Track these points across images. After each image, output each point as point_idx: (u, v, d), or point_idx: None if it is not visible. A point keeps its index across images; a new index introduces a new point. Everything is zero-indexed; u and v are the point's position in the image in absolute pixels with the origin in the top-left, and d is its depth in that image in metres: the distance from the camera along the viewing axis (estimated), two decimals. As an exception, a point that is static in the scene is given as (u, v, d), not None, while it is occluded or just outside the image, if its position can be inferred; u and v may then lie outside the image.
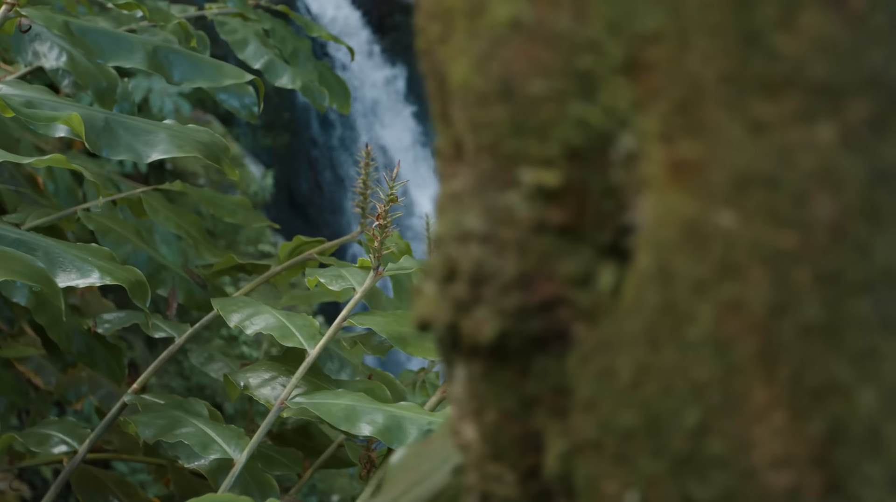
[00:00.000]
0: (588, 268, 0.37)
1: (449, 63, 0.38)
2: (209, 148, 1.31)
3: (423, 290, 0.43)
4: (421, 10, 0.40)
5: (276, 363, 1.28)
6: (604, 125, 0.34)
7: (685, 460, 0.33)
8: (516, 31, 0.35)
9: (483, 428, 0.42)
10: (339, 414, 1.14)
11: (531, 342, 0.39)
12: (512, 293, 0.38)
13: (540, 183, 0.36)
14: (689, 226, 0.32)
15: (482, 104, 0.37)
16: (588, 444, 0.37)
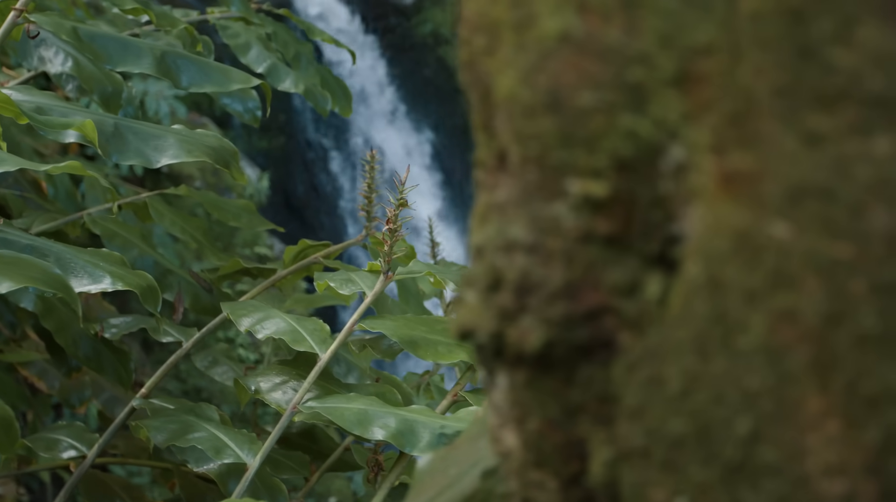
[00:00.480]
0: (634, 278, 0.37)
1: (494, 75, 0.39)
2: (218, 153, 1.32)
3: (464, 299, 0.43)
4: (465, 23, 0.40)
5: (286, 367, 1.28)
6: (653, 137, 0.35)
7: (737, 468, 0.34)
8: (565, 44, 0.36)
9: (525, 436, 0.42)
10: (352, 419, 1.14)
11: (576, 351, 0.39)
12: (558, 302, 0.38)
13: (587, 193, 0.37)
14: (740, 237, 0.33)
15: (529, 116, 0.37)
16: (635, 452, 0.37)
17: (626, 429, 0.38)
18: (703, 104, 0.33)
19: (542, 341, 0.39)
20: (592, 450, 0.40)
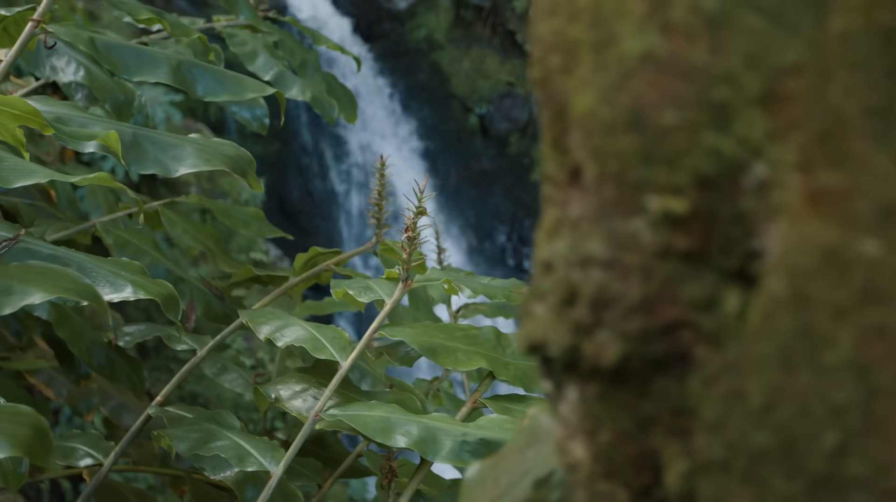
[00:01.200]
0: (713, 292, 0.38)
1: (571, 93, 0.39)
2: (235, 161, 1.32)
3: (532, 312, 0.44)
4: (539, 42, 0.41)
5: (305, 375, 1.29)
6: (736, 154, 0.35)
7: (822, 481, 0.34)
8: (648, 64, 0.36)
9: (596, 448, 0.43)
10: (375, 426, 1.14)
11: (652, 364, 0.40)
12: (635, 316, 0.39)
13: (667, 210, 0.37)
14: (828, 253, 0.33)
15: (609, 134, 0.38)
16: (714, 464, 0.38)
17: (704, 442, 0.38)
18: (790, 123, 0.34)
19: (619, 355, 0.39)
20: (667, 462, 0.40)
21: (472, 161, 10.17)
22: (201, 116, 8.79)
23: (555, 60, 0.40)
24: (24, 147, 1.13)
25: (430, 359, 1.23)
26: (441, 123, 10.18)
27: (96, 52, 1.31)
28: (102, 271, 1.17)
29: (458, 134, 10.22)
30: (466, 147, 10.18)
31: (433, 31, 10.26)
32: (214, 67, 1.43)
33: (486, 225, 10.08)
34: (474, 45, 10.26)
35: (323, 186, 9.56)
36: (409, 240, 1.26)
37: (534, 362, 1.29)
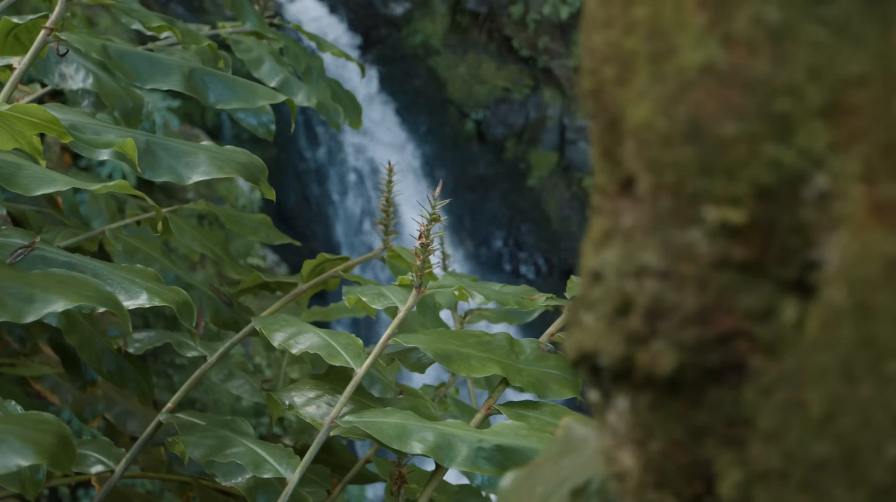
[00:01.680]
0: (770, 302, 0.38)
1: (626, 105, 0.40)
2: (248, 168, 1.32)
3: (581, 322, 0.44)
4: (592, 54, 0.41)
5: (319, 382, 1.29)
6: (798, 165, 0.36)
7: (885, 490, 0.35)
8: (708, 76, 0.36)
9: (646, 457, 0.43)
10: (390, 433, 1.14)
11: (706, 374, 0.40)
12: (690, 327, 0.39)
13: (725, 220, 0.38)
14: (891, 263, 0.34)
15: (666, 145, 0.38)
16: (772, 474, 0.38)
17: (760, 451, 0.39)
18: (853, 135, 0.34)
19: (675, 365, 0.40)
20: (721, 471, 0.40)
21: (469, 166, 10.17)
22: (198, 122, 8.79)
23: (609, 72, 0.40)
24: (40, 155, 1.13)
25: (443, 365, 1.23)
26: (437, 129, 10.19)
27: (109, 59, 1.31)
28: (117, 278, 1.17)
29: (454, 139, 10.22)
30: (463, 152, 10.19)
31: (429, 36, 10.26)
32: (226, 75, 1.43)
33: (483, 230, 10.08)
34: (470, 51, 10.27)
35: (319, 191, 9.56)
36: (422, 247, 1.26)
37: (550, 369, 1.29)
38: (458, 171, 10.11)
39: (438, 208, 1.29)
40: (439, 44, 10.28)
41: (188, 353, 1.56)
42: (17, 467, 0.82)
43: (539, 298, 1.37)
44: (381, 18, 10.09)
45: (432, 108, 10.22)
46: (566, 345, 0.46)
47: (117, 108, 1.57)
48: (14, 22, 1.35)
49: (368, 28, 10.04)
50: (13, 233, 1.17)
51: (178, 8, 8.92)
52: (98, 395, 2.14)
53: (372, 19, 10.08)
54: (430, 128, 10.19)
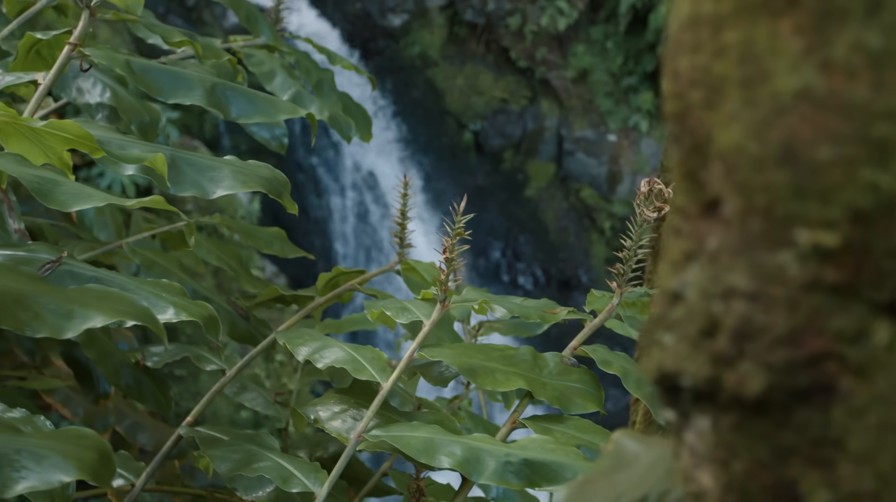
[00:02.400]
0: (861, 325, 0.38)
1: (715, 128, 0.40)
2: (271, 183, 1.33)
3: (661, 342, 0.44)
4: (678, 78, 0.41)
5: (344, 396, 1.29)
6: (895, 189, 0.36)
7: None
8: (803, 101, 0.37)
9: (728, 477, 0.43)
10: (418, 447, 1.15)
11: (794, 394, 0.40)
12: (780, 348, 0.40)
13: (817, 243, 0.38)
14: None
15: (758, 168, 0.38)
16: (863, 495, 0.38)
17: (850, 472, 0.39)
18: (954, 160, 0.34)
19: (764, 386, 0.40)
20: (807, 492, 0.41)
21: (467, 177, 10.18)
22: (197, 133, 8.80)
23: (696, 96, 0.41)
24: (70, 170, 1.14)
25: (469, 379, 1.23)
26: (435, 140, 10.20)
27: (132, 74, 1.32)
28: (144, 293, 1.17)
29: (452, 150, 10.24)
30: (461, 163, 10.20)
31: (427, 47, 10.28)
32: (246, 89, 1.43)
33: (481, 241, 10.09)
34: (468, 62, 10.29)
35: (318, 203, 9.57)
36: (446, 262, 1.26)
37: (573, 383, 1.29)
38: (455, 182, 10.12)
39: (462, 223, 1.29)
40: (437, 55, 10.30)
41: (207, 367, 1.56)
42: (59, 483, 0.82)
43: (560, 312, 1.37)
44: (378, 30, 10.11)
45: (430, 119, 10.23)
46: (643, 365, 0.46)
47: (134, 122, 1.58)
48: (37, 38, 1.35)
49: (366, 40, 10.06)
50: (40, 247, 1.17)
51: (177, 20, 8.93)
52: (109, 408, 2.14)
53: (370, 31, 10.10)
54: (428, 139, 10.20)
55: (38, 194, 1.02)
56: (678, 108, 0.42)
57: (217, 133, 9.10)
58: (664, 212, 1.36)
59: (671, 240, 0.46)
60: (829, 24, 0.36)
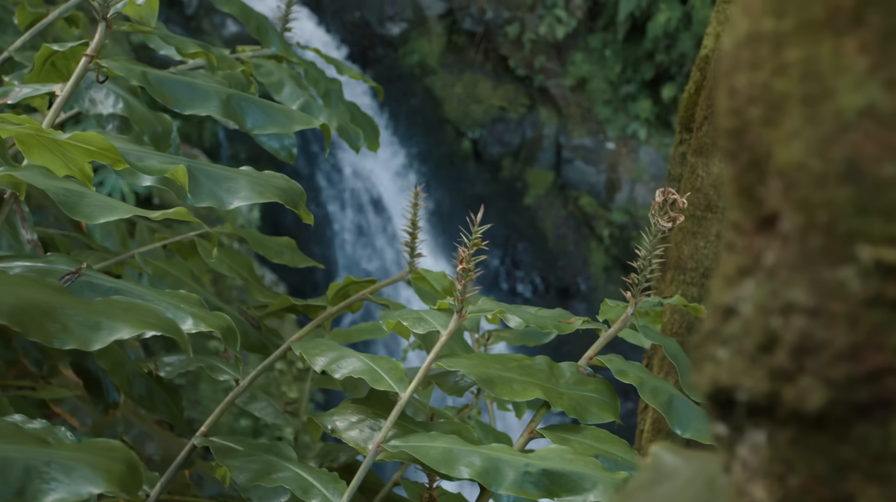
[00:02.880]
0: (922, 340, 0.39)
1: (774, 145, 0.40)
2: (287, 193, 1.33)
3: (715, 357, 0.44)
4: (735, 94, 0.41)
5: (361, 406, 1.29)
6: (959, 207, 0.36)
7: None
8: (868, 118, 0.37)
9: (784, 492, 0.44)
10: (437, 457, 1.15)
11: (854, 409, 0.40)
12: (840, 363, 0.40)
13: (880, 259, 0.38)
14: None
15: (819, 185, 0.39)
16: (926, 508, 0.39)
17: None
18: None
19: (824, 401, 0.40)
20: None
21: (465, 185, 10.19)
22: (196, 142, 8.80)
23: (755, 112, 0.41)
24: (91, 182, 1.14)
25: (486, 389, 1.24)
26: (434, 148, 10.21)
27: (149, 85, 1.32)
28: (164, 303, 1.17)
29: (451, 158, 10.25)
30: (459, 171, 10.21)
31: (426, 56, 10.29)
32: (262, 100, 1.44)
33: (479, 249, 10.06)
34: (467, 70, 10.30)
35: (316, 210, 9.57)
36: (463, 272, 1.27)
37: (589, 393, 1.29)
38: (454, 190, 10.12)
39: (479, 233, 1.30)
40: (436, 63, 10.31)
41: (220, 377, 1.57)
42: (89, 495, 0.82)
43: (575, 322, 1.37)
44: (377, 38, 10.12)
45: (429, 128, 10.24)
46: (695, 379, 0.46)
47: (147, 133, 1.58)
48: (53, 49, 1.36)
49: (365, 48, 10.07)
50: (58, 259, 1.17)
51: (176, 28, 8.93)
52: (117, 418, 2.14)
53: (368, 39, 10.11)
54: (426, 148, 10.21)
55: (65, 206, 1.02)
56: (735, 125, 0.42)
57: (216, 142, 9.11)
58: (678, 222, 1.37)
59: (723, 255, 0.46)
60: (894, 43, 0.37)
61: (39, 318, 0.86)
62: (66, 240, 1.80)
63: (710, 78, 2.12)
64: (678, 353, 1.39)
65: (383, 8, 10.19)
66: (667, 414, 1.28)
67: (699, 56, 2.21)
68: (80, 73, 1.29)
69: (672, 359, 1.38)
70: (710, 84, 2.12)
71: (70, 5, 1.76)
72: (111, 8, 1.33)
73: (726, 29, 2.06)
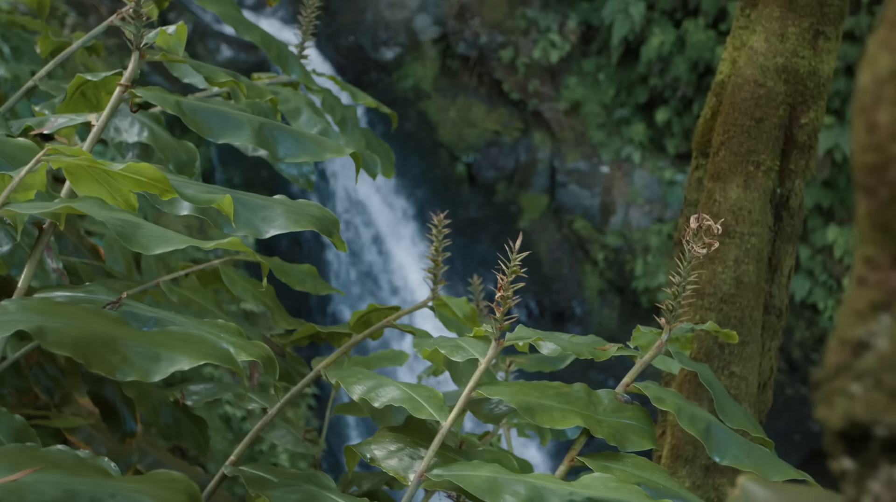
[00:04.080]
0: None
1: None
2: (322, 222, 1.33)
3: (848, 392, 0.44)
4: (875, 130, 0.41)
5: (399, 435, 1.29)
6: None
7: None
8: None
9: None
10: (482, 486, 1.14)
11: None
12: None
13: None
14: None
15: (971, 221, 0.39)
16: None
17: None
18: None
19: (972, 437, 0.40)
20: None
21: (460, 209, 10.19)
22: (191, 167, 8.78)
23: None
24: (136, 211, 1.14)
25: (526, 417, 1.23)
26: (428, 171, 10.22)
27: (183, 114, 1.32)
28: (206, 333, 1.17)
29: (445, 182, 10.25)
30: (454, 195, 10.21)
31: (420, 80, 10.32)
32: (292, 129, 1.44)
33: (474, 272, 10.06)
34: (461, 95, 10.32)
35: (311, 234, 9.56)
36: (502, 299, 1.27)
37: (628, 420, 1.29)
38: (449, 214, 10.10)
39: (518, 261, 1.30)
40: (430, 88, 10.33)
41: (249, 406, 1.56)
42: (154, 529, 0.82)
43: (610, 348, 1.37)
44: (371, 63, 10.14)
45: (423, 152, 10.25)
46: (824, 414, 0.46)
47: (172, 161, 1.58)
48: (86, 79, 1.36)
49: (359, 73, 10.09)
50: (97, 288, 1.17)
51: (171, 53, 8.92)
52: (132, 447, 2.13)
53: (363, 64, 10.13)
54: (421, 171, 10.22)
55: (122, 237, 1.02)
56: (875, 160, 0.42)
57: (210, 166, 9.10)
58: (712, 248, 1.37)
59: (852, 289, 0.46)
60: None
61: (101, 350, 0.86)
62: (87, 269, 1.80)
63: (727, 103, 2.13)
64: (712, 380, 1.39)
65: (377, 33, 10.22)
66: (705, 441, 1.28)
67: (714, 82, 2.21)
68: (115, 103, 1.29)
69: (707, 385, 1.37)
70: (726, 109, 2.13)
71: (94, 34, 1.76)
72: (144, 38, 1.33)
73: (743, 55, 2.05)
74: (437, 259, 1.75)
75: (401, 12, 10.34)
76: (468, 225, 10.20)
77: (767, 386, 2.20)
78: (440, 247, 1.74)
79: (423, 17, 10.39)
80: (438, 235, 1.73)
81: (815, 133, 2.12)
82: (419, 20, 10.39)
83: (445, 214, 1.74)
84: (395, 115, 2.38)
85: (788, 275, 2.18)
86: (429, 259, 1.75)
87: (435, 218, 1.74)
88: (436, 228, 1.72)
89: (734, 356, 2.11)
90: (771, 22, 2.09)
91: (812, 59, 2.08)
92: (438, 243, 1.73)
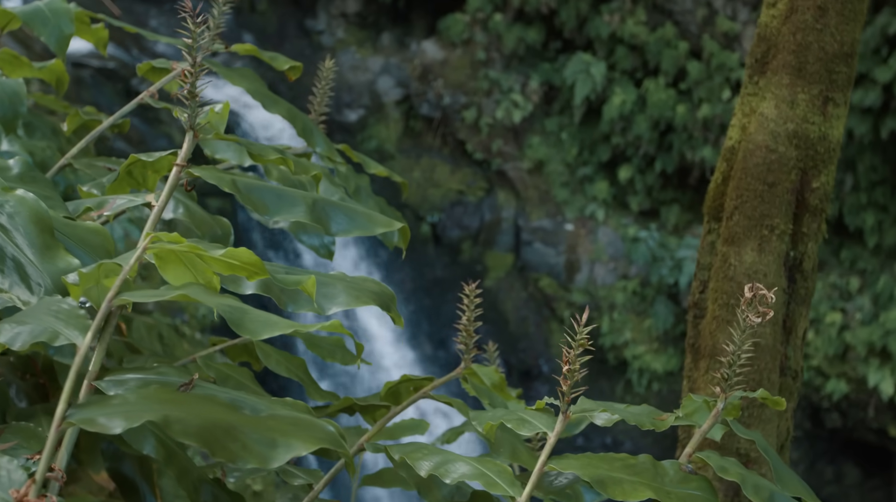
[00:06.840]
0: None
1: None
2: (381, 297, 1.33)
3: None
4: None
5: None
6: None
7: None
8: None
9: None
10: (565, 563, 1.14)
11: None
12: None
13: None
14: None
15: None
16: None
17: None
18: None
19: None
20: None
21: (426, 269, 10.21)
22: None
23: None
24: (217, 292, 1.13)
25: (599, 490, 1.24)
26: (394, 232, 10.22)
27: (239, 193, 1.33)
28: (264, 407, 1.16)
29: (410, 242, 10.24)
30: (419, 255, 10.23)
31: (384, 141, 10.37)
32: (343, 204, 1.44)
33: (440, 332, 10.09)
34: (424, 155, 10.38)
35: (276, 298, 9.52)
36: (569, 373, 1.27)
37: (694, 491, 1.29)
38: (415, 274, 10.13)
39: (584, 333, 1.30)
40: (394, 148, 10.38)
41: (295, 481, 1.55)
42: None
43: (668, 418, 1.38)
44: (335, 125, 10.18)
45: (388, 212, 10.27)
46: None
47: (207, 236, 1.59)
48: (140, 159, 1.36)
49: (323, 134, 10.12)
50: (168, 370, 1.17)
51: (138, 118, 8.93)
52: (151, 523, 2.11)
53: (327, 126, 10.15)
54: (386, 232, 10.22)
55: (231, 322, 1.02)
56: None
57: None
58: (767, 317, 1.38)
59: None
60: None
61: (223, 438, 0.85)
62: (118, 345, 1.79)
63: (738, 168, 2.16)
64: (768, 448, 1.40)
65: (340, 95, 10.26)
66: (774, 510, 1.29)
67: (725, 147, 2.25)
68: (173, 182, 1.29)
69: (763, 452, 1.39)
70: (738, 174, 2.16)
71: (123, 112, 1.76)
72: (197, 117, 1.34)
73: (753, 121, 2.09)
74: (470, 328, 1.75)
75: (364, 74, 10.41)
76: (434, 285, 10.21)
77: (785, 448, 2.21)
78: (472, 316, 1.74)
79: (386, 79, 10.46)
80: (470, 305, 1.73)
81: (826, 196, 2.15)
82: (382, 82, 10.46)
83: (413, 275, 1.74)
84: (405, 183, 2.39)
85: (803, 336, 2.20)
86: (460, 329, 1.76)
87: (467, 287, 1.74)
88: (467, 298, 1.72)
89: (753, 419, 2.12)
90: (781, 89, 2.12)
91: (822, 125, 2.12)
92: (470, 313, 1.74)
